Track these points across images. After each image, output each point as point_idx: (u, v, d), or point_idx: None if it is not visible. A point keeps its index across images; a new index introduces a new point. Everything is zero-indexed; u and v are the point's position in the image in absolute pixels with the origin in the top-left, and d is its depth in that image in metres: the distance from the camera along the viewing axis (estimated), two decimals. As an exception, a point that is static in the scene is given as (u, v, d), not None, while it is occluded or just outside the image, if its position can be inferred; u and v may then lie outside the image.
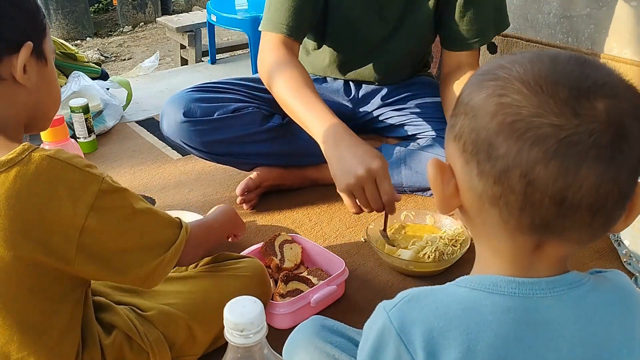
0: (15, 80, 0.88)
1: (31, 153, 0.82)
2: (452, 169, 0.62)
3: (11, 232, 0.80)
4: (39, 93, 0.92)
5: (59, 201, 0.81)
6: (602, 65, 0.58)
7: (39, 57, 0.91)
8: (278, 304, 1.19)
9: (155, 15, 5.00)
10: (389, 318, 0.60)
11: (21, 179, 0.80)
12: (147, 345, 1.00)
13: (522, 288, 0.59)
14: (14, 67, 0.87)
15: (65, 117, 1.84)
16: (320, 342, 0.94)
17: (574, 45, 2.05)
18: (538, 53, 0.59)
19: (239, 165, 1.71)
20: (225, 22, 2.92)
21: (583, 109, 0.53)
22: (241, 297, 0.65)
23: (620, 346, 0.60)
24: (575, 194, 0.53)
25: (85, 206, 0.83)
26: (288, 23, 1.50)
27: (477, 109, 0.57)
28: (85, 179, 0.83)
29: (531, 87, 0.54)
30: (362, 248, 1.48)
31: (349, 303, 1.29)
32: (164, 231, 0.94)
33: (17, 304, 0.86)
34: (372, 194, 1.23)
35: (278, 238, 1.38)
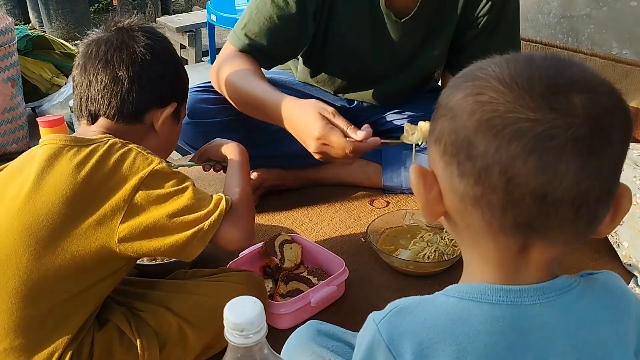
0: (152, 127, 1.12)
1: (110, 139, 1.01)
2: (435, 174, 0.61)
3: (73, 201, 0.95)
4: (162, 142, 1.15)
5: (119, 174, 0.97)
6: (577, 63, 0.58)
7: (175, 116, 1.16)
8: (278, 304, 1.19)
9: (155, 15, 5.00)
10: (378, 330, 0.60)
11: (94, 153, 0.98)
12: (137, 340, 1.01)
13: (511, 296, 0.58)
14: (156, 118, 1.12)
15: (65, 117, 1.83)
16: (317, 347, 0.94)
17: (574, 45, 2.05)
18: (514, 54, 0.59)
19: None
20: (225, 22, 2.92)
21: (559, 103, 0.53)
22: (241, 297, 0.65)
23: (613, 349, 0.60)
24: (556, 189, 0.53)
25: (136, 181, 0.97)
26: (255, 44, 1.47)
27: (455, 109, 0.57)
28: (146, 159, 1.00)
29: (507, 84, 0.55)
30: (362, 248, 1.48)
31: (349, 303, 1.29)
32: (201, 206, 1.00)
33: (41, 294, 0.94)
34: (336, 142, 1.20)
35: (278, 238, 1.38)
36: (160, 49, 1.12)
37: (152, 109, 1.11)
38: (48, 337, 0.95)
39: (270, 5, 1.44)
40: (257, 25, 1.46)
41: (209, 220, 0.99)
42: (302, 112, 1.26)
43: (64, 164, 0.97)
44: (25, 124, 2.09)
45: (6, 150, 2.03)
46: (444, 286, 0.63)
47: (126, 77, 1.07)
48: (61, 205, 0.95)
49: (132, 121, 1.10)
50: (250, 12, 1.48)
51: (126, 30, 1.11)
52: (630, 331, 0.62)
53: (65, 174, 0.96)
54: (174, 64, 1.15)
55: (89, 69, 1.08)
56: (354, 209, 1.64)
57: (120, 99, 1.07)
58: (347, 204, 1.66)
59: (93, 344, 1.00)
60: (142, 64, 1.08)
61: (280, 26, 1.45)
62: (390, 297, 1.35)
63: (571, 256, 1.40)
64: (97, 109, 1.08)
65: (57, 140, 1.01)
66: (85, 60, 1.10)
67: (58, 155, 0.99)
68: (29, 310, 0.94)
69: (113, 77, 1.07)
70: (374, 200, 1.68)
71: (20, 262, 0.94)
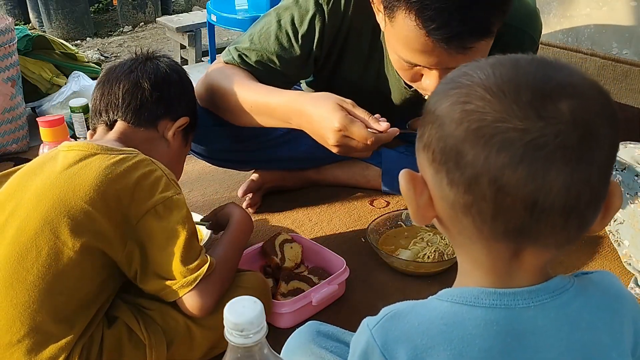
0: (164, 138, 1.21)
1: (140, 153, 1.06)
2: (424, 179, 0.61)
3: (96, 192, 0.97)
4: (170, 159, 1.20)
5: (140, 189, 1.00)
6: (565, 66, 0.57)
7: (185, 137, 1.27)
8: (280, 303, 1.19)
9: (155, 15, 4.99)
10: (372, 336, 0.60)
11: (122, 163, 1.02)
12: (145, 338, 1.02)
13: (504, 299, 0.58)
14: (168, 128, 1.22)
15: (65, 117, 1.83)
16: (316, 347, 0.94)
17: (574, 45, 2.05)
18: (500, 58, 0.59)
19: (240, 169, 1.71)
20: (225, 22, 2.92)
21: (547, 111, 0.52)
22: (241, 297, 0.65)
23: (609, 349, 0.60)
24: (546, 196, 0.53)
25: (152, 202, 1.00)
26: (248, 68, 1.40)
27: (442, 117, 0.57)
28: (167, 185, 1.03)
29: (494, 92, 0.54)
30: (362, 248, 1.48)
31: (349, 303, 1.29)
32: (186, 261, 1.01)
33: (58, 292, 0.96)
34: (358, 132, 1.16)
35: (278, 237, 1.38)
36: (180, 71, 1.27)
37: (167, 118, 1.21)
38: (60, 330, 0.96)
39: (273, 40, 1.38)
40: (255, 55, 1.40)
41: (181, 282, 1.00)
42: (318, 105, 1.22)
43: (95, 163, 1.01)
44: (25, 124, 2.09)
45: (6, 150, 2.03)
46: (444, 286, 0.63)
47: (148, 85, 1.18)
48: (85, 200, 0.97)
49: (147, 126, 1.18)
50: (252, 39, 1.41)
51: (149, 54, 1.25)
52: (625, 331, 0.62)
53: (96, 171, 0.99)
54: (190, 85, 1.29)
55: (112, 80, 1.19)
56: (354, 209, 1.64)
57: (140, 102, 1.17)
58: (347, 204, 1.67)
59: (103, 340, 1.01)
60: (163, 77, 1.21)
61: (279, 65, 1.40)
62: (390, 297, 1.36)
63: (571, 256, 1.40)
64: (115, 112, 1.17)
65: (87, 147, 1.05)
66: (109, 75, 1.20)
67: (88, 158, 1.02)
68: (45, 305, 0.95)
69: (135, 83, 1.18)
70: (374, 200, 1.68)
71: (40, 255, 0.95)
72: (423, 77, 1.23)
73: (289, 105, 1.27)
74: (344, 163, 1.71)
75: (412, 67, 1.20)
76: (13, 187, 1.04)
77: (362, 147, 1.19)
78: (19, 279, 0.95)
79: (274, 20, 1.39)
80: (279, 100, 1.30)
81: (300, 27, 1.37)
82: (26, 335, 0.94)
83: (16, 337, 0.94)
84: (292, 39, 1.38)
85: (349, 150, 1.21)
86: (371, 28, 1.38)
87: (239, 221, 1.24)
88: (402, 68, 1.23)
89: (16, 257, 0.95)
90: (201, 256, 1.03)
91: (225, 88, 1.38)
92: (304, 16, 1.37)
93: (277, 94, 1.31)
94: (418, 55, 1.15)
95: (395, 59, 1.23)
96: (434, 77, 1.19)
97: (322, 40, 1.39)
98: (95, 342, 1.00)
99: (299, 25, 1.37)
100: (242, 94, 1.35)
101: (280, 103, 1.29)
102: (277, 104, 1.30)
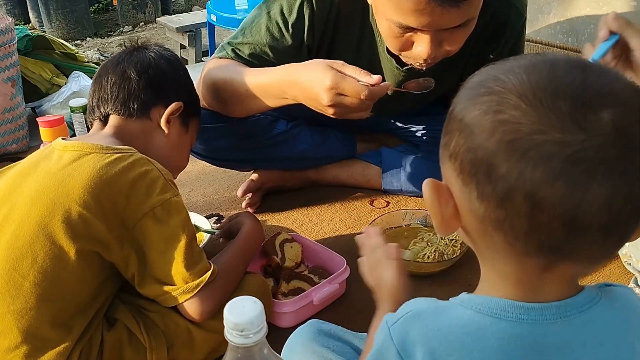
0: (159, 127, 1.16)
1: (136, 152, 1.02)
2: (450, 189, 0.58)
3: (90, 195, 0.94)
4: (170, 148, 1.18)
5: (136, 191, 0.97)
6: (605, 71, 0.54)
7: (184, 122, 1.21)
8: (281, 302, 1.19)
9: (155, 15, 5.00)
10: (390, 335, 0.59)
11: (119, 162, 0.98)
12: (146, 341, 1.01)
13: (531, 314, 0.56)
14: (161, 115, 1.16)
15: (65, 117, 1.84)
16: (318, 346, 0.94)
17: (574, 45, 2.05)
18: (534, 60, 0.55)
19: (240, 168, 1.71)
20: (225, 22, 2.92)
21: (588, 121, 0.49)
22: (241, 297, 0.65)
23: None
24: (585, 213, 0.50)
25: (149, 205, 0.97)
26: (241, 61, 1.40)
27: (472, 126, 0.53)
28: (165, 186, 1.00)
29: (529, 101, 0.51)
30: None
31: (349, 303, 1.29)
32: (188, 268, 0.99)
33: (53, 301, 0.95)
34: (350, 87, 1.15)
35: (278, 237, 1.38)
36: (170, 56, 1.22)
37: (158, 105, 1.16)
38: (58, 335, 0.95)
39: (264, 32, 1.39)
40: (248, 48, 1.40)
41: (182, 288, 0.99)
42: (309, 69, 1.21)
43: (89, 164, 0.98)
44: (25, 124, 2.09)
45: (6, 150, 2.03)
46: (443, 286, 0.62)
47: (134, 74, 1.14)
48: (80, 204, 0.94)
49: (139, 116, 1.14)
50: (243, 33, 1.42)
51: (140, 46, 1.22)
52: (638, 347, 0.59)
53: (90, 173, 0.96)
54: (181, 69, 1.23)
55: (102, 75, 1.17)
56: (354, 209, 1.64)
57: (127, 92, 1.13)
58: (347, 204, 1.67)
59: (103, 343, 1.00)
60: (150, 63, 1.17)
61: (272, 57, 1.39)
62: (390, 297, 1.33)
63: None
64: (106, 105, 1.14)
65: (82, 147, 1.02)
66: (100, 70, 1.18)
67: (83, 157, 1.00)
68: (42, 311, 0.94)
69: (122, 74, 1.15)
70: (374, 200, 1.68)
71: (36, 261, 0.94)
72: (414, 45, 1.22)
73: (281, 78, 1.27)
74: (344, 163, 1.71)
75: (403, 33, 1.20)
76: (7, 189, 1.01)
77: (357, 104, 1.16)
78: (15, 285, 0.93)
79: (264, 12, 1.40)
80: (271, 76, 1.30)
81: (290, 16, 1.37)
82: (24, 341, 0.93)
83: (14, 343, 0.93)
84: (282, 28, 1.38)
85: (345, 110, 1.19)
86: (359, 12, 1.40)
87: (248, 231, 1.25)
88: (393, 36, 1.22)
89: (12, 263, 0.94)
90: (203, 262, 1.02)
91: (220, 79, 1.39)
92: (292, 5, 1.37)
93: (269, 72, 1.31)
94: (410, 16, 1.14)
95: (385, 27, 1.22)
96: (426, 41, 1.18)
97: (313, 28, 1.39)
98: (95, 345, 0.99)
99: (288, 14, 1.38)
100: (237, 80, 1.34)
101: (273, 78, 1.29)
102: (270, 80, 1.30)
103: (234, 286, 1.11)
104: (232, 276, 1.11)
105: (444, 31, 1.17)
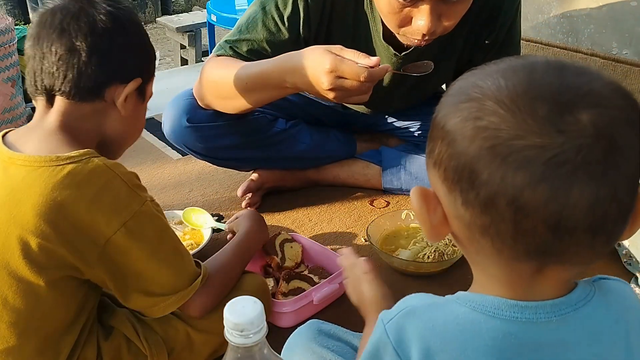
0: (114, 105, 0.98)
1: (92, 157, 0.89)
2: (437, 195, 0.58)
3: (45, 222, 0.85)
4: (127, 123, 1.02)
5: (99, 208, 0.87)
6: (584, 71, 0.53)
7: (140, 95, 1.02)
8: (281, 302, 1.19)
9: (155, 15, 5.00)
10: (386, 332, 0.59)
11: (73, 176, 0.87)
12: (145, 348, 0.99)
13: (526, 312, 0.56)
14: (118, 94, 0.97)
15: (66, 117, 1.84)
16: (317, 347, 0.94)
17: (574, 45, 2.05)
18: (512, 64, 0.55)
19: (240, 168, 1.71)
20: (225, 22, 2.92)
21: (566, 124, 0.49)
22: (241, 297, 0.65)
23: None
24: (570, 216, 0.49)
25: (119, 221, 0.88)
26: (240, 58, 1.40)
27: (453, 133, 0.54)
28: (130, 196, 0.90)
29: (507, 106, 0.50)
30: (362, 248, 1.48)
31: (349, 302, 1.28)
32: (177, 275, 0.95)
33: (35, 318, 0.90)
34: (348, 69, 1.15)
35: (278, 237, 1.38)
36: (124, 17, 0.99)
37: (113, 84, 0.97)
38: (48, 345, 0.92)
39: (261, 27, 1.39)
40: (245, 45, 1.41)
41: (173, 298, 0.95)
42: (307, 55, 1.21)
43: (40, 184, 0.86)
44: (25, 124, 2.09)
45: (6, 150, 2.04)
46: (444, 286, 0.62)
47: (84, 48, 0.93)
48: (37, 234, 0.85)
49: (91, 98, 0.96)
50: (239, 30, 1.42)
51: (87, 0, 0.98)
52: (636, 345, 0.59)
53: (41, 196, 0.85)
54: (138, 35, 1.02)
55: (43, 40, 0.95)
56: (354, 209, 1.64)
57: (77, 71, 0.94)
58: (347, 204, 1.67)
59: (100, 354, 0.97)
60: (102, 32, 0.95)
61: (270, 52, 1.39)
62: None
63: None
64: (52, 83, 0.94)
65: (29, 160, 0.89)
66: (39, 29, 0.96)
67: (31, 174, 0.88)
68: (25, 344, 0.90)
69: (69, 47, 0.93)
70: (374, 200, 1.68)
71: (7, 302, 0.89)
72: (413, 20, 1.23)
73: (281, 66, 1.27)
74: (344, 162, 1.71)
75: (402, 8, 1.21)
76: None
77: (356, 86, 1.16)
78: None
79: (259, 8, 1.41)
80: (270, 65, 1.30)
81: (285, 10, 1.38)
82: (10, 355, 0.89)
83: None
84: (278, 23, 1.39)
85: (345, 94, 1.19)
86: (353, 2, 1.41)
87: (248, 231, 1.24)
88: (392, 12, 1.23)
89: None
90: (192, 266, 0.98)
91: (220, 75, 1.39)
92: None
93: (268, 61, 1.31)
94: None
95: (385, 3, 1.23)
96: (425, 12, 1.19)
97: (309, 20, 1.40)
98: (90, 357, 0.95)
99: (283, 8, 1.38)
100: (237, 74, 1.34)
101: (272, 67, 1.29)
102: (270, 69, 1.29)
103: (230, 284, 1.09)
104: (227, 276, 1.09)
105: (442, 4, 1.19)
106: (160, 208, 0.97)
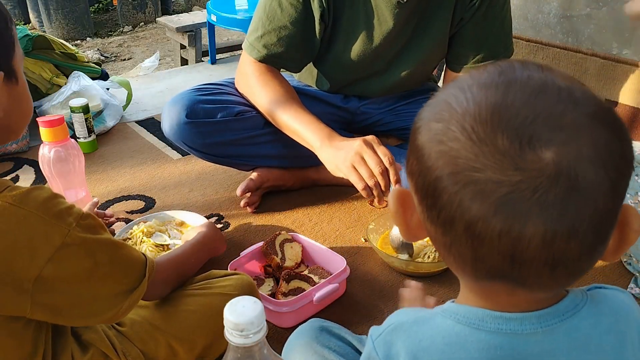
0: None
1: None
2: None
3: None
4: (9, 110, 0.86)
5: (15, 253, 0.77)
6: (568, 95, 0.50)
7: (9, 78, 0.85)
8: (281, 302, 1.19)
9: (155, 15, 5.00)
10: (374, 349, 0.59)
11: None
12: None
13: (511, 324, 0.55)
14: None
15: (65, 117, 1.83)
16: (318, 346, 0.94)
17: (574, 45, 2.05)
18: (492, 77, 0.52)
19: (239, 167, 1.71)
20: (225, 22, 2.92)
21: (526, 162, 0.47)
22: (241, 297, 0.65)
23: None
24: (524, 250, 0.49)
25: (43, 258, 0.78)
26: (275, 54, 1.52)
27: (421, 150, 0.53)
28: (50, 230, 0.79)
29: (468, 134, 0.49)
30: (362, 248, 1.48)
31: (350, 302, 1.29)
32: (124, 279, 0.89)
33: None
34: (372, 157, 1.31)
35: (278, 237, 1.38)
36: None
37: None
38: None
39: (280, 14, 1.47)
40: (274, 36, 1.49)
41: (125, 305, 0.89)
42: (346, 138, 1.36)
43: None
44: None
45: (6, 150, 2.03)
46: (443, 286, 0.62)
47: None
48: None
49: None
50: (262, 24, 1.50)
51: None
52: (630, 356, 0.58)
53: None
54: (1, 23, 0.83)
55: None
56: (354, 209, 1.64)
57: None
58: (347, 204, 1.67)
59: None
60: None
61: (295, 32, 1.49)
62: (390, 297, 1.35)
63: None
64: None
65: None
66: None
67: None
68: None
69: None
70: (374, 200, 1.67)
71: None
72: None
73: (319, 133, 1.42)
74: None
75: None
76: None
77: (369, 173, 1.30)
78: None
79: None
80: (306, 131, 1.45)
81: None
82: None
83: None
84: (294, 1, 1.46)
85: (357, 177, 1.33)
86: None
87: (203, 234, 1.27)
88: None
89: None
90: (136, 269, 0.91)
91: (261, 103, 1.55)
92: None
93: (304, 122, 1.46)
94: None
95: None
96: None
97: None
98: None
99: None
100: (277, 114, 1.51)
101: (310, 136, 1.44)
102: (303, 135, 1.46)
103: (176, 280, 1.08)
104: (176, 270, 1.08)
105: None
106: (95, 221, 0.86)
